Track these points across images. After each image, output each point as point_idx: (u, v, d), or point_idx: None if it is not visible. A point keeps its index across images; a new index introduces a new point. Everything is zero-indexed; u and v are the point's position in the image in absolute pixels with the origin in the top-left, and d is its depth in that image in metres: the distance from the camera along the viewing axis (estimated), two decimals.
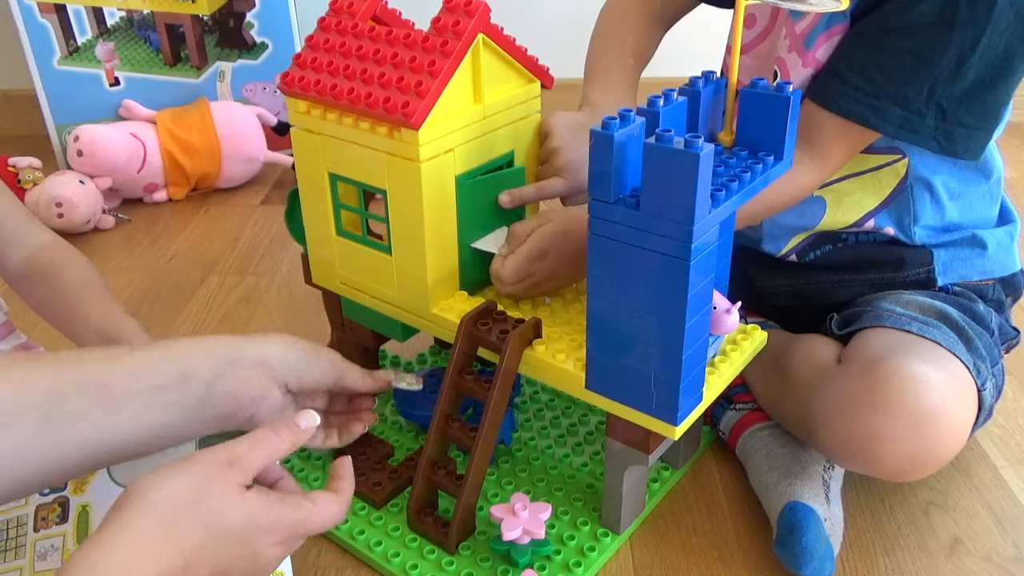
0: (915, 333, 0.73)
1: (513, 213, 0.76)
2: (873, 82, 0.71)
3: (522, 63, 0.72)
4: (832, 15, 0.72)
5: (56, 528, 0.66)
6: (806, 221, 0.84)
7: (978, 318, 0.79)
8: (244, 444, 0.52)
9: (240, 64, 1.58)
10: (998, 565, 0.74)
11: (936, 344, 0.72)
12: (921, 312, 0.76)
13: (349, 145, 0.70)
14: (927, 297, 0.79)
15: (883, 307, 0.78)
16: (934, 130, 0.71)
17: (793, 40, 0.76)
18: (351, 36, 0.70)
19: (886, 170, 0.80)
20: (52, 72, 1.49)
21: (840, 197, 0.82)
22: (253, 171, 1.55)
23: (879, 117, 0.71)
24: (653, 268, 0.57)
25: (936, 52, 0.69)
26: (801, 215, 0.83)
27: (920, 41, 0.69)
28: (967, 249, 0.82)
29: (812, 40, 0.75)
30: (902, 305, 0.78)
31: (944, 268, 0.82)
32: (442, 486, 0.72)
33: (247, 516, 0.49)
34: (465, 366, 0.71)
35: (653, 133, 0.53)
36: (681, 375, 0.60)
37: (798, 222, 0.84)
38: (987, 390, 0.73)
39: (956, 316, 0.76)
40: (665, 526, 0.78)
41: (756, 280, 0.89)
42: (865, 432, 0.68)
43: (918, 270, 0.82)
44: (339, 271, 0.79)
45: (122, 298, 1.19)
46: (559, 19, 1.76)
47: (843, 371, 0.73)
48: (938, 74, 0.69)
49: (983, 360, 0.74)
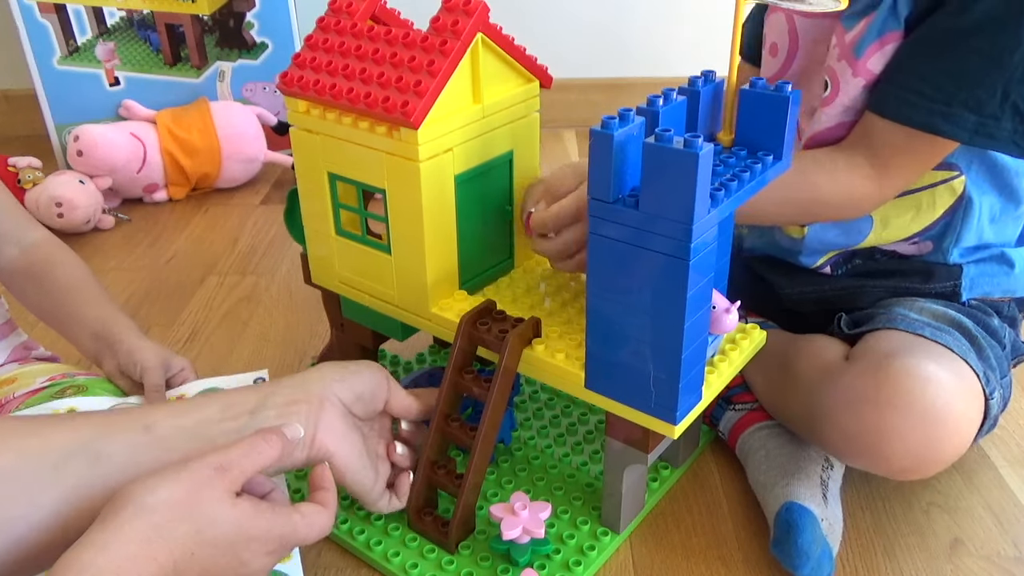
0: (927, 337, 0.72)
1: (501, 217, 0.77)
2: (940, 88, 0.67)
3: (521, 63, 0.72)
4: (885, 22, 0.70)
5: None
6: (851, 239, 0.82)
7: (991, 331, 0.78)
8: (236, 451, 0.52)
9: (240, 64, 1.58)
10: (998, 565, 0.74)
11: (948, 349, 0.71)
12: (935, 319, 0.76)
13: (348, 145, 0.70)
14: (943, 306, 0.78)
15: (897, 311, 0.77)
16: (1012, 133, 0.68)
17: (843, 49, 0.73)
18: (350, 36, 0.70)
19: (942, 188, 0.77)
20: (52, 72, 1.49)
21: (889, 218, 0.80)
22: (253, 171, 1.55)
23: (951, 124, 0.68)
24: (652, 267, 0.57)
25: (1006, 50, 0.65)
26: (847, 232, 0.81)
27: (987, 40, 0.65)
28: (995, 266, 0.81)
29: (862, 49, 0.72)
30: (917, 311, 0.77)
31: (971, 284, 0.81)
32: (442, 485, 0.72)
33: (237, 524, 0.49)
34: (464, 365, 0.71)
35: (652, 133, 0.53)
36: (680, 374, 0.60)
37: (842, 239, 0.82)
38: (994, 399, 0.72)
39: (970, 326, 0.76)
40: (665, 525, 0.78)
41: (779, 287, 0.88)
42: (872, 428, 0.68)
43: (945, 283, 0.81)
44: (338, 271, 0.79)
45: (122, 298, 1.19)
46: (558, 19, 1.76)
47: (852, 367, 0.72)
48: (1010, 74, 0.66)
49: (993, 370, 0.74)
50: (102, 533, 0.45)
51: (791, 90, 0.62)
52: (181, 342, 1.08)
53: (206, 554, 0.48)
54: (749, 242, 0.92)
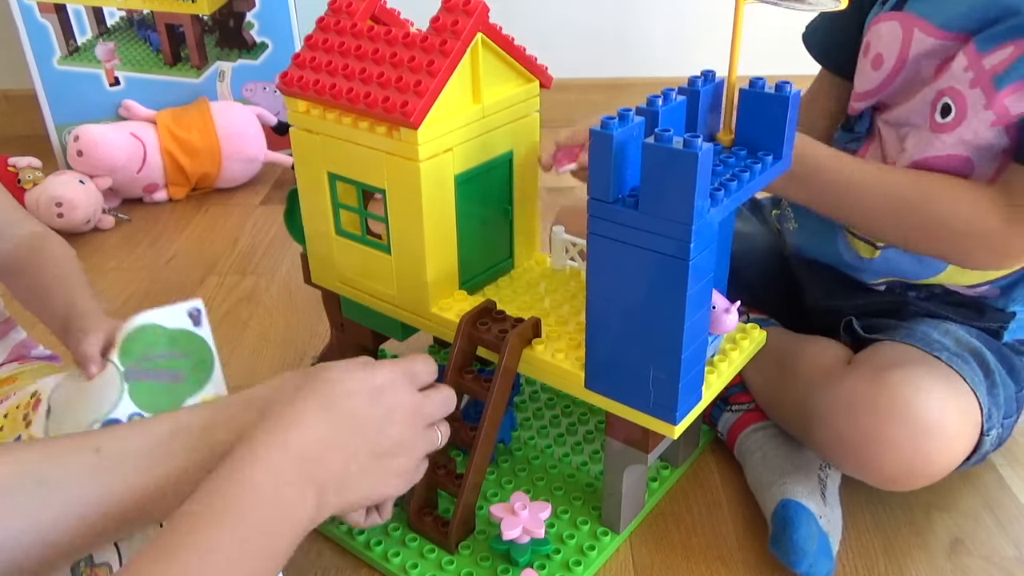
0: (943, 360, 0.71)
1: (501, 217, 0.77)
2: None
3: (521, 63, 0.72)
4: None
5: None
6: (921, 272, 0.78)
7: (1012, 370, 0.77)
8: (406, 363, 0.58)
9: (240, 64, 1.58)
10: (998, 565, 0.74)
11: (957, 374, 0.71)
12: (957, 344, 0.74)
13: (348, 145, 0.70)
14: (968, 334, 0.76)
15: (920, 329, 0.75)
16: None
17: (979, 75, 0.67)
18: (350, 36, 0.70)
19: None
20: (52, 72, 1.49)
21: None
22: (253, 171, 1.55)
23: None
24: (652, 267, 0.57)
25: None
26: (920, 264, 0.77)
27: None
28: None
29: (1005, 82, 0.66)
30: (941, 332, 0.75)
31: (1017, 327, 0.79)
32: (442, 485, 0.72)
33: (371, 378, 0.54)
34: (464, 365, 0.71)
35: (652, 133, 0.53)
36: (680, 374, 0.60)
37: (912, 269, 0.78)
38: (990, 437, 0.72)
39: (991, 360, 0.74)
40: (665, 525, 0.78)
41: (812, 293, 0.85)
42: (865, 434, 0.68)
43: (992, 323, 0.78)
44: (338, 271, 0.79)
45: (122, 298, 1.19)
46: (558, 19, 1.76)
47: (853, 372, 0.72)
48: None
49: (999, 408, 0.73)
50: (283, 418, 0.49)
51: (794, 92, 0.62)
52: None
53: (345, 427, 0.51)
54: (799, 239, 0.88)
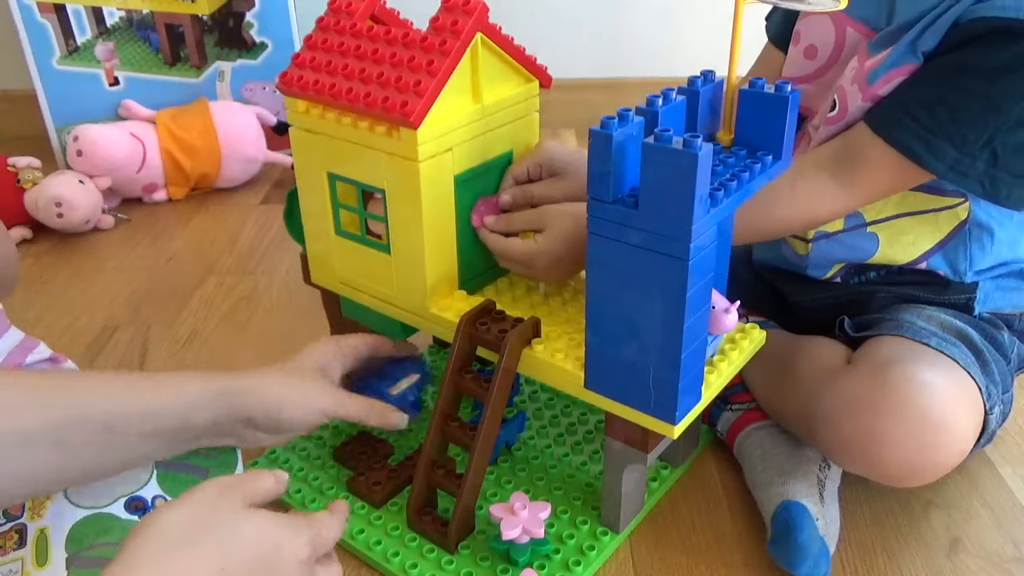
0: (933, 347, 0.72)
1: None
2: (935, 118, 0.68)
3: (520, 62, 0.72)
4: (903, 56, 0.69)
5: (14, 554, 0.65)
6: (856, 255, 0.82)
7: (999, 345, 0.78)
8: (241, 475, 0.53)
9: (240, 64, 1.58)
10: (998, 565, 0.74)
11: (952, 360, 0.71)
12: (943, 329, 0.75)
13: (348, 145, 0.70)
14: (951, 316, 0.77)
15: (905, 318, 0.76)
16: (982, 174, 0.69)
17: (859, 73, 0.73)
18: (349, 36, 0.70)
19: (946, 213, 0.77)
20: (52, 72, 1.49)
21: (895, 235, 0.79)
22: (253, 171, 1.55)
23: (932, 155, 0.68)
24: (652, 267, 0.57)
25: (1008, 99, 0.66)
26: (851, 249, 0.81)
27: (996, 86, 0.66)
28: (1012, 281, 0.81)
29: (876, 77, 0.71)
30: (924, 319, 0.76)
31: (985, 298, 0.80)
32: (441, 485, 0.72)
33: (259, 529, 0.49)
34: (464, 365, 0.71)
35: (652, 133, 0.53)
36: (680, 374, 0.60)
37: (847, 256, 0.82)
38: (994, 414, 0.72)
39: (977, 339, 0.75)
40: (664, 525, 0.78)
41: (790, 295, 0.88)
42: (868, 433, 0.68)
43: (958, 296, 0.80)
44: (338, 271, 0.79)
45: (121, 298, 1.19)
46: (558, 19, 1.76)
47: (852, 371, 0.72)
48: (1003, 122, 0.67)
49: (996, 385, 0.73)
50: (120, 564, 0.45)
51: (793, 92, 0.62)
52: (181, 342, 1.08)
53: (237, 566, 0.47)
54: (759, 253, 0.92)
